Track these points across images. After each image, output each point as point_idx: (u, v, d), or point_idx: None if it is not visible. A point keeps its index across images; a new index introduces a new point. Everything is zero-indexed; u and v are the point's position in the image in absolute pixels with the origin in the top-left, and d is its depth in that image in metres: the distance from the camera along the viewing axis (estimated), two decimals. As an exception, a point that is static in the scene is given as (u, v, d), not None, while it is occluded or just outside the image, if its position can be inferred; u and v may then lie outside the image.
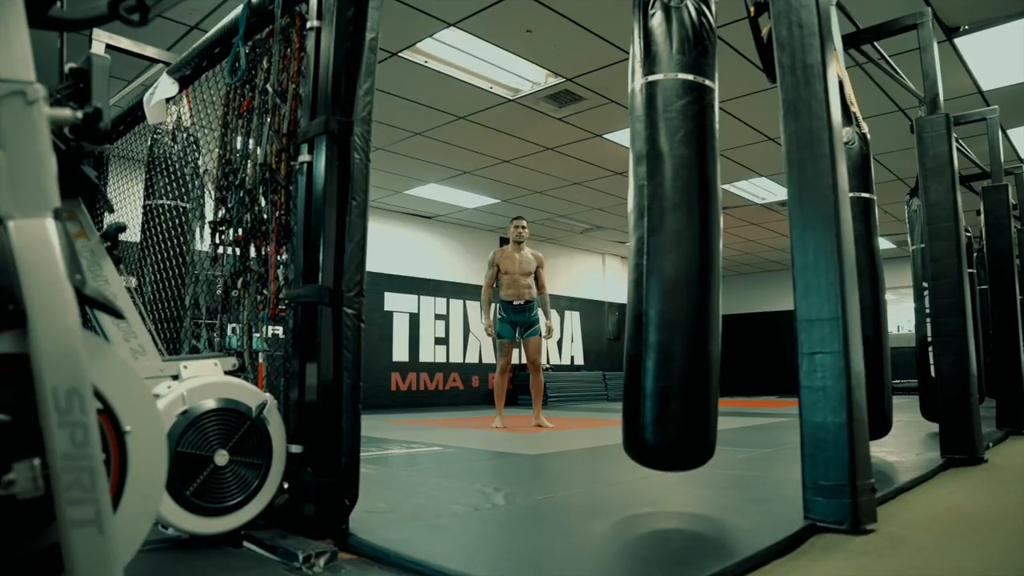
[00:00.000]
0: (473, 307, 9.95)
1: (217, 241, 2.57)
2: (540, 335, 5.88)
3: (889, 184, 7.87)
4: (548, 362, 11.28)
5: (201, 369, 2.04)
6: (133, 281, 3.28)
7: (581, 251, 12.22)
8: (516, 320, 5.81)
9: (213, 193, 2.65)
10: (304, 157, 2.08)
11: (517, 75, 5.27)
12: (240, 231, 2.45)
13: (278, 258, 2.27)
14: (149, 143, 3.57)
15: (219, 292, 2.60)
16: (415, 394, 9.30)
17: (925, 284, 4.36)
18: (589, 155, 7.03)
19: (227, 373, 2.11)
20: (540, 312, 5.94)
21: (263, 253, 2.35)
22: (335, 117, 2.00)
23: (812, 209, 2.20)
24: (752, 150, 6.86)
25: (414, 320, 9.44)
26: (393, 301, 9.22)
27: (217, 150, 2.67)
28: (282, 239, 2.27)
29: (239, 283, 2.42)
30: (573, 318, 11.83)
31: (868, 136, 3.59)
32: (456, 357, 9.91)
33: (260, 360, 2.30)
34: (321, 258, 2.04)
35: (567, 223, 10.13)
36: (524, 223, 5.92)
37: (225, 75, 2.49)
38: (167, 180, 3.50)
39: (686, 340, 2.30)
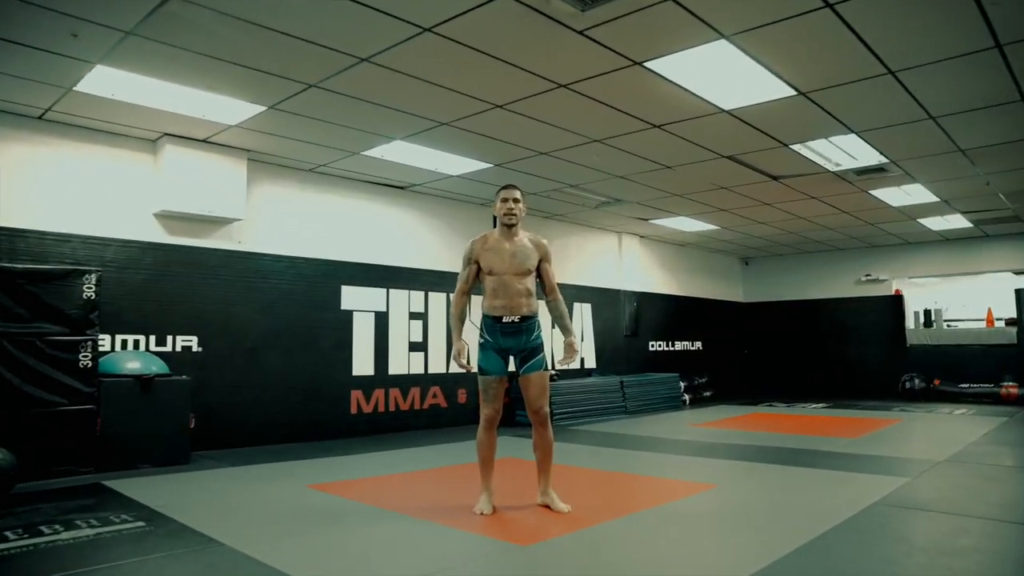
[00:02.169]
0: (460, 301, 7.81)
1: None
2: (545, 368, 3.81)
3: (966, 152, 5.75)
4: (554, 369, 9.20)
5: None
6: None
7: (593, 229, 10.08)
8: (508, 346, 3.76)
9: None
10: None
11: (514, -57, 3.10)
12: None
13: None
14: None
15: None
16: (383, 417, 7.22)
17: None
18: (620, 96, 4.85)
19: None
20: (543, 330, 3.89)
21: None
22: None
23: None
24: (850, 91, 4.68)
25: (382, 321, 7.33)
26: (353, 297, 7.10)
27: None
28: None
29: None
30: (583, 311, 9.74)
31: None
32: (438, 366, 7.82)
33: None
34: None
35: (578, 195, 7.97)
36: (518, 194, 3.81)
37: None
38: None
39: None
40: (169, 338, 5.81)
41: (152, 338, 5.72)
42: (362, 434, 6.99)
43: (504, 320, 3.72)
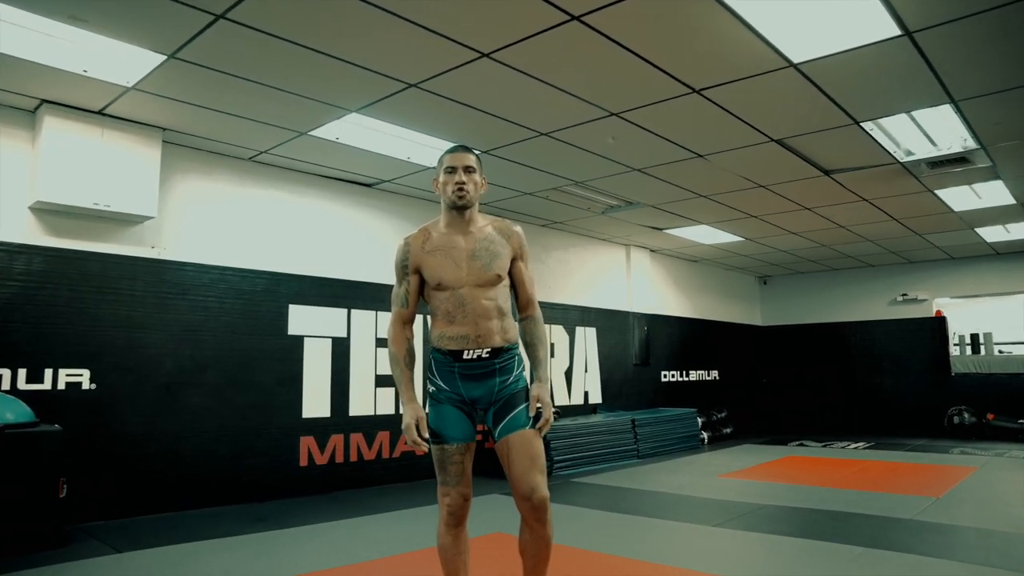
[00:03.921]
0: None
1: None
2: (535, 425, 2.39)
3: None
4: (554, 406, 7.75)
5: None
6: None
7: (597, 241, 8.72)
8: (475, 396, 2.40)
9: None
10: None
11: None
12: None
13: None
14: None
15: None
16: (341, 470, 5.75)
17: None
18: (653, 35, 3.50)
19: None
20: (527, 369, 2.53)
21: None
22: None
23: None
24: (977, 28, 3.36)
25: (341, 349, 5.89)
26: (304, 319, 5.67)
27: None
28: None
29: None
30: (587, 337, 8.33)
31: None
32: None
33: None
34: None
35: (583, 197, 6.62)
36: (472, 160, 2.46)
37: None
38: None
39: None
40: (48, 372, 4.36)
41: (21, 372, 4.26)
42: (314, 492, 5.52)
43: (466, 357, 2.35)
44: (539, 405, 2.38)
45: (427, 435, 2.36)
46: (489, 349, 2.36)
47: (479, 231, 2.45)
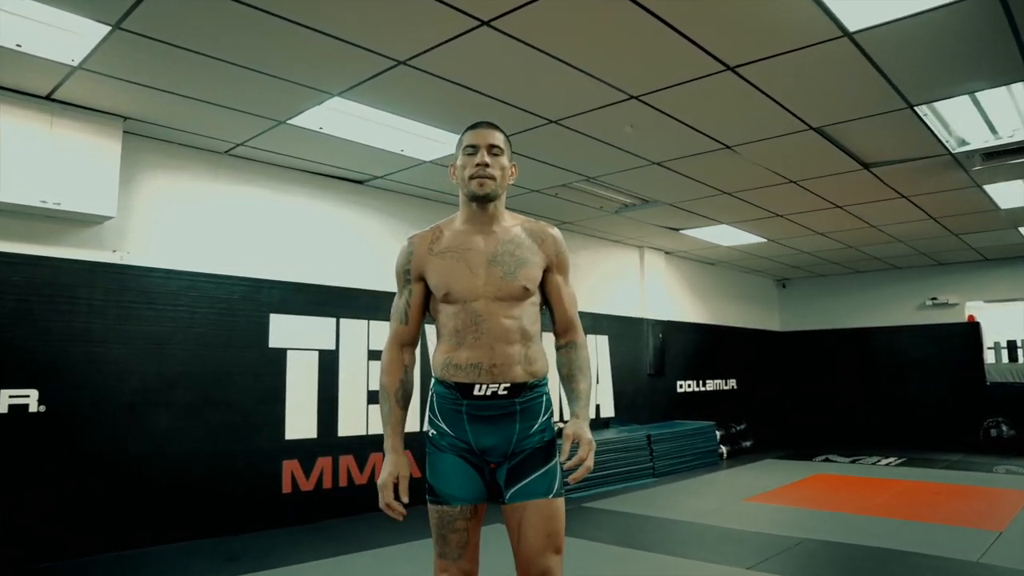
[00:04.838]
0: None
1: None
2: (560, 493, 1.84)
3: None
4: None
5: None
6: None
7: (609, 242, 8.15)
8: (486, 445, 1.84)
9: None
10: None
11: None
12: None
13: None
14: None
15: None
16: (330, 497, 5.20)
17: None
18: (688, 1, 2.95)
19: None
20: (554, 414, 1.98)
21: None
22: None
23: None
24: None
25: (329, 363, 5.34)
26: (287, 330, 5.12)
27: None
28: None
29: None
30: (598, 345, 7.76)
31: None
32: (410, 422, 5.81)
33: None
34: None
35: (596, 195, 6.05)
36: (500, 138, 1.95)
37: None
38: None
39: None
40: (-12, 394, 3.83)
41: (-42, 395, 3.74)
42: (298, 521, 4.97)
43: (477, 393, 1.82)
44: (575, 444, 1.82)
45: (406, 499, 1.84)
46: (508, 384, 1.82)
47: (504, 231, 1.93)
